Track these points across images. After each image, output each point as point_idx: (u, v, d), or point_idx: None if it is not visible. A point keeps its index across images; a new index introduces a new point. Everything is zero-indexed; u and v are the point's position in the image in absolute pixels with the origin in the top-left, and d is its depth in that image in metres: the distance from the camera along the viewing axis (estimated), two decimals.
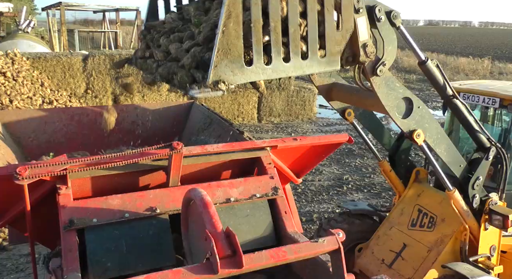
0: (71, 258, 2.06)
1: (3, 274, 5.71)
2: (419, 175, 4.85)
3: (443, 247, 4.21)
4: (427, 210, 4.53)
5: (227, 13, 2.31)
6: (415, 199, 4.72)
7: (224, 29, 2.32)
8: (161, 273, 1.75)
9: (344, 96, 4.09)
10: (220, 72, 2.36)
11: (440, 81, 3.75)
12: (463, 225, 4.12)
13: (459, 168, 3.98)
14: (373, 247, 4.73)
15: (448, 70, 27.15)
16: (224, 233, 1.89)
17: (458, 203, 3.99)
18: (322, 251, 2.05)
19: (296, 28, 2.53)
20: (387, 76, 3.33)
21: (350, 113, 4.44)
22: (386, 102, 3.39)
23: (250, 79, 2.49)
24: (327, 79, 4.10)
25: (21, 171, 1.99)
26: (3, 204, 2.28)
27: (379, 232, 4.80)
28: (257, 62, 2.46)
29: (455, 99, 3.84)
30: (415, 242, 4.47)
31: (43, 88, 10.39)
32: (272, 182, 2.60)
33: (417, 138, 3.59)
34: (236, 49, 2.37)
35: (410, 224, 4.61)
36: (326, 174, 10.10)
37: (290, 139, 2.73)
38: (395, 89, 3.41)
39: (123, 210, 2.26)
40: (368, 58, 3.14)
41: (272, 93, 14.36)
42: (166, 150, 2.31)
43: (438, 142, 3.76)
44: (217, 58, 2.33)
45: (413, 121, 3.56)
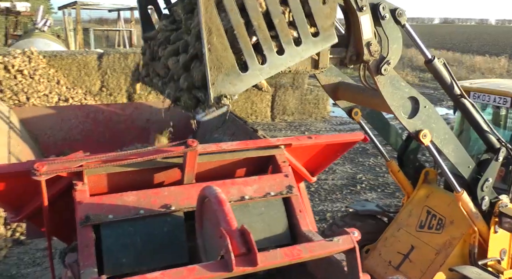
0: (87, 254, 2.08)
1: (20, 267, 5.80)
2: (428, 176, 4.76)
3: (452, 250, 4.14)
4: (435, 212, 4.46)
5: (207, 30, 2.30)
6: (423, 200, 4.64)
7: (210, 46, 2.31)
8: (176, 270, 1.76)
9: (350, 95, 4.03)
10: (219, 88, 2.35)
11: (448, 80, 3.67)
12: (472, 228, 4.04)
13: (467, 169, 3.90)
14: (381, 249, 4.68)
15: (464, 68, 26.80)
16: (239, 231, 1.89)
17: (466, 205, 3.90)
18: (337, 250, 2.03)
19: (280, 18, 2.48)
20: (392, 75, 3.28)
21: (357, 113, 4.39)
22: (391, 101, 3.34)
23: (250, 84, 2.48)
24: (333, 78, 4.05)
25: (39, 167, 2.01)
26: (21, 200, 2.31)
27: (387, 233, 4.75)
28: (252, 65, 2.43)
29: (463, 99, 3.75)
30: (423, 244, 4.40)
31: (59, 85, 10.51)
32: (287, 181, 2.59)
33: (423, 138, 3.52)
34: (227, 61, 2.36)
35: (418, 226, 4.54)
36: (340, 173, 10.05)
37: (305, 138, 2.72)
38: (400, 89, 3.35)
39: (138, 206, 2.27)
40: (372, 57, 3.10)
41: (286, 92, 14.33)
42: (181, 147, 2.32)
43: (446, 142, 3.68)
44: (212, 75, 2.33)
45: (419, 121, 3.49)
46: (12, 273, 5.69)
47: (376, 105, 3.69)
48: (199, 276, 1.77)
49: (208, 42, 2.31)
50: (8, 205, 2.37)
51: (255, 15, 2.41)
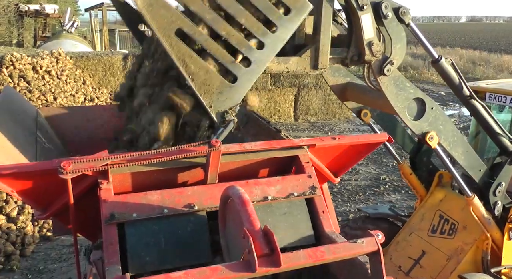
0: (112, 251, 2.10)
1: (47, 262, 5.95)
2: (442, 179, 4.64)
3: (463, 256, 4.03)
4: (448, 216, 4.35)
5: (182, 63, 2.38)
6: (437, 204, 4.53)
7: (191, 76, 2.39)
8: (199, 270, 1.76)
9: (357, 96, 3.97)
10: (218, 107, 2.45)
11: (456, 81, 3.56)
12: (484, 234, 3.91)
13: (478, 173, 3.78)
14: (392, 253, 4.59)
15: (491, 68, 26.16)
16: (262, 232, 1.88)
17: (478, 210, 3.79)
18: (361, 253, 2.00)
19: (245, 15, 2.46)
20: (395, 75, 3.21)
21: (366, 114, 4.32)
22: (395, 102, 3.27)
23: (246, 89, 2.54)
24: (341, 78, 4.00)
25: (65, 166, 2.04)
26: (48, 197, 2.35)
27: (399, 237, 4.66)
28: (239, 72, 2.48)
29: (472, 100, 3.63)
30: (435, 249, 4.30)
31: (85, 86, 10.72)
32: (310, 181, 2.57)
33: (430, 141, 3.43)
34: (214, 80, 2.43)
35: (431, 231, 4.43)
36: (363, 174, 9.95)
37: (329, 138, 2.69)
38: (405, 89, 3.28)
39: (162, 206, 2.29)
40: (374, 57, 3.05)
41: (309, 92, 14.26)
42: (205, 147, 2.32)
43: (455, 145, 3.58)
44: (206, 100, 2.42)
45: (426, 123, 3.41)
46: (40, 268, 5.83)
47: (382, 106, 3.63)
48: (222, 276, 1.77)
49: (187, 73, 2.40)
50: (36, 203, 2.42)
51: (218, 25, 2.44)
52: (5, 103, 3.16)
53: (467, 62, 28.18)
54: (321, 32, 2.96)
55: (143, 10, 2.29)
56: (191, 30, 2.39)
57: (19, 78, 8.68)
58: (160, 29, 2.35)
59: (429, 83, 22.91)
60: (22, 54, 9.41)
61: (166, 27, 2.35)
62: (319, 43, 2.99)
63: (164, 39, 2.36)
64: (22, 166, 2.21)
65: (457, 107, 17.39)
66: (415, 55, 29.15)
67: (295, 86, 14.10)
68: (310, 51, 3.03)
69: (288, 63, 3.00)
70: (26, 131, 3.31)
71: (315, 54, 3.03)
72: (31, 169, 2.16)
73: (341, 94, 4.03)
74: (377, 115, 4.38)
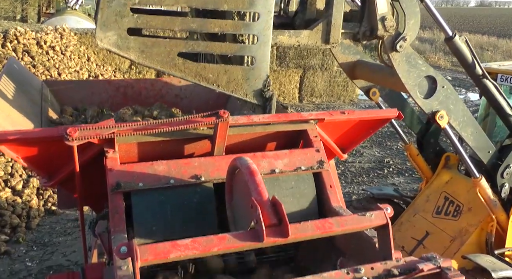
0: (118, 220, 2.09)
1: (52, 236, 6.00)
2: (449, 161, 4.60)
3: (467, 238, 4.02)
4: (453, 198, 4.32)
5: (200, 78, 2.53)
6: (442, 185, 4.50)
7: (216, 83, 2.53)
8: (206, 238, 1.75)
9: (367, 74, 3.92)
10: (252, 90, 2.57)
11: (469, 59, 3.50)
12: (490, 216, 3.88)
13: (487, 154, 3.75)
14: (395, 234, 4.57)
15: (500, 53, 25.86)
16: (270, 202, 1.86)
17: (484, 191, 3.76)
18: (369, 226, 1.99)
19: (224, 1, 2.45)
20: (408, 52, 3.15)
21: (375, 93, 4.27)
22: (406, 80, 3.22)
23: (267, 61, 2.59)
24: (351, 56, 3.95)
25: (71, 133, 2.02)
26: (54, 165, 2.34)
27: (403, 218, 4.65)
28: (251, 51, 2.54)
29: (485, 79, 3.58)
30: (439, 230, 4.29)
31: (89, 62, 10.64)
32: (318, 155, 2.54)
33: (439, 120, 3.39)
34: (235, 73, 2.54)
35: (435, 212, 4.41)
36: (367, 156, 9.92)
37: (338, 113, 2.65)
38: (417, 67, 3.22)
39: (169, 176, 2.27)
40: (387, 32, 3.01)
41: (315, 73, 14.14)
42: (212, 118, 2.29)
43: (464, 125, 3.54)
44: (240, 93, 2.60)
45: (436, 102, 3.37)
46: (45, 240, 5.88)
47: (392, 84, 3.58)
48: (230, 245, 1.76)
49: (211, 83, 2.54)
50: (41, 170, 2.40)
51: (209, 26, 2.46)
52: (10, 73, 3.13)
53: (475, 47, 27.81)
54: (333, 6, 2.91)
55: (140, 60, 2.38)
56: (189, 47, 2.46)
57: (23, 52, 8.61)
58: (164, 64, 2.44)
59: (436, 68, 22.66)
60: (26, 29, 9.32)
61: (167, 59, 2.44)
62: (331, 17, 2.95)
63: (173, 69, 2.46)
64: (28, 132, 2.19)
65: (463, 92, 17.26)
66: (423, 39, 28.81)
67: (300, 67, 13.97)
68: (322, 25, 3.00)
69: (299, 37, 2.97)
70: (31, 102, 3.29)
71: (327, 28, 2.99)
72: (37, 135, 2.14)
73: (351, 72, 3.99)
74: (386, 95, 4.33)
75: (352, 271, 1.73)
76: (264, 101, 2.59)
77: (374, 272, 1.74)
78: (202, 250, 1.72)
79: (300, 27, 3.24)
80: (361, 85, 4.21)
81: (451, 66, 22.72)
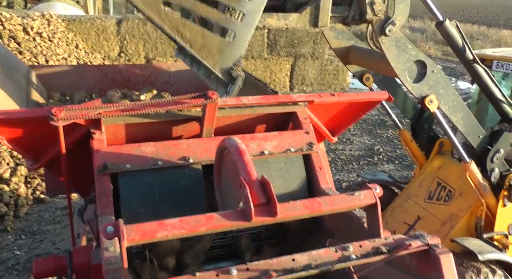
0: (105, 202, 2.06)
1: (41, 224, 5.96)
2: (442, 147, 4.61)
3: (457, 222, 4.06)
4: (446, 183, 4.35)
5: (176, 32, 2.43)
6: (435, 171, 4.53)
7: (188, 42, 2.43)
8: (194, 217, 1.73)
9: (360, 59, 3.93)
10: (222, 65, 2.48)
11: (459, 44, 3.51)
12: (479, 200, 3.92)
13: (477, 139, 3.77)
14: (387, 218, 4.61)
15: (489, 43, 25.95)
16: (258, 181, 1.84)
17: (474, 176, 3.79)
18: (358, 205, 1.98)
19: None
20: (397, 36, 3.16)
21: (368, 78, 4.28)
22: (395, 64, 3.23)
23: (245, 42, 2.54)
24: (344, 41, 3.95)
25: (56, 113, 1.98)
26: (40, 146, 2.30)
27: (395, 203, 4.68)
28: (235, 27, 2.48)
29: (475, 64, 3.58)
30: (430, 215, 4.33)
31: (78, 50, 10.50)
32: (307, 137, 2.53)
33: (429, 104, 3.40)
34: (212, 41, 2.46)
35: (427, 197, 4.45)
36: (357, 144, 9.95)
37: (327, 95, 2.64)
38: (406, 51, 3.23)
39: (156, 158, 2.24)
40: (376, 16, 3.01)
41: (305, 62, 14.11)
42: (201, 99, 2.26)
43: (454, 110, 3.55)
44: (209, 62, 2.46)
45: (426, 86, 3.37)
46: (34, 229, 5.84)
47: (383, 69, 3.58)
48: (218, 224, 1.74)
49: (185, 41, 2.44)
50: (27, 152, 2.36)
51: None
52: None
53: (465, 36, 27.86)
54: None
55: None
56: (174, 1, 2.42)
57: (9, 38, 8.46)
58: (147, 6, 2.38)
59: None
60: (12, 15, 9.15)
61: (152, 2, 2.38)
62: (320, 1, 2.95)
63: (154, 14, 2.39)
64: (13, 112, 2.15)
65: (453, 81, 17.34)
66: (413, 28, 28.82)
67: (291, 55, 13.93)
68: (311, 8, 2.99)
69: (288, 20, 2.96)
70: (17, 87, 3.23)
71: (316, 11, 2.99)
72: (22, 115, 2.10)
73: (344, 57, 3.99)
74: (380, 80, 4.34)
75: (340, 249, 1.73)
76: (230, 79, 2.55)
77: (362, 249, 1.74)
78: (189, 229, 1.71)
79: (291, 10, 3.22)
80: (354, 70, 4.22)
81: (442, 55, 22.79)
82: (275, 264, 1.66)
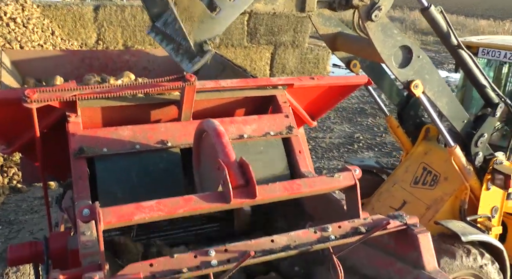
0: (81, 186, 2.02)
1: (18, 214, 5.84)
2: (429, 133, 4.64)
3: (442, 205, 4.11)
4: (431, 168, 4.40)
5: None
6: (421, 157, 4.57)
7: (175, 0, 2.30)
8: (172, 199, 1.71)
9: (347, 45, 3.95)
10: (197, 36, 2.36)
11: (444, 29, 3.54)
12: (464, 184, 3.99)
13: (461, 124, 3.83)
14: (374, 203, 4.66)
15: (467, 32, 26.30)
16: (237, 163, 1.83)
17: (459, 159, 3.85)
18: (338, 187, 1.99)
19: None
20: (383, 22, 3.18)
21: (355, 65, 4.29)
22: (382, 49, 3.26)
23: (228, 22, 2.47)
24: (332, 28, 3.96)
25: (30, 94, 1.92)
26: (14, 130, 2.24)
27: (382, 188, 4.72)
28: (223, 4, 2.42)
29: (460, 50, 3.62)
30: (415, 199, 4.38)
31: (54, 36, 10.24)
32: (287, 121, 2.52)
33: (414, 89, 3.44)
34: (196, 9, 2.35)
35: (413, 182, 4.49)
36: (337, 132, 10.01)
37: (307, 78, 2.63)
38: (392, 36, 3.26)
39: (134, 141, 2.21)
40: (362, 1, 3.03)
41: (286, 50, 14.05)
42: (179, 82, 2.23)
43: (439, 95, 3.60)
44: (186, 27, 2.32)
45: (412, 71, 3.41)
46: (11, 219, 5.72)
47: (370, 54, 3.60)
48: (196, 206, 1.73)
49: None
50: None
51: None
52: None
53: None
54: None
55: None
56: None
57: None
58: None
59: None
60: None
61: None
62: None
63: None
64: None
65: None
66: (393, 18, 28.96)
67: (271, 44, 13.85)
68: None
69: (275, 4, 2.97)
70: None
71: None
72: None
73: (331, 43, 4.00)
74: (367, 67, 4.35)
75: (319, 230, 1.74)
76: (199, 51, 2.45)
77: (341, 230, 1.75)
78: (167, 212, 1.69)
79: None
80: (341, 56, 4.23)
81: (421, 45, 23.01)
82: (253, 245, 1.65)
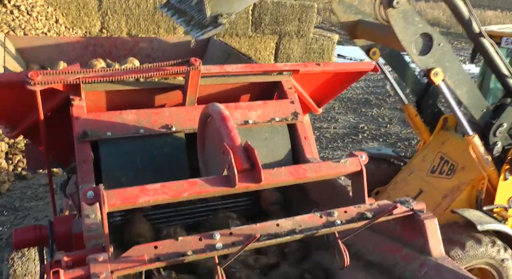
0: (85, 170, 2.01)
1: (23, 201, 5.87)
2: (447, 122, 4.60)
3: (458, 195, 4.08)
4: (449, 158, 4.37)
5: None
6: (439, 146, 4.53)
7: None
8: (176, 183, 1.70)
9: (368, 33, 3.90)
10: (216, 7, 2.29)
11: (466, 16, 3.49)
12: (481, 174, 3.96)
13: (480, 113, 3.78)
14: (390, 192, 4.65)
15: None
16: (242, 147, 1.81)
17: (477, 148, 3.81)
18: (344, 172, 1.96)
19: None
20: (405, 8, 3.13)
21: (375, 53, 4.23)
22: (403, 36, 3.21)
23: (248, 3, 2.43)
24: (352, 15, 3.92)
25: (33, 76, 1.91)
26: (18, 113, 2.23)
27: (398, 177, 4.71)
28: None
29: (482, 38, 3.57)
30: (432, 188, 4.35)
31: (58, 25, 10.22)
32: (292, 107, 2.50)
33: (434, 77, 3.39)
34: None
35: (430, 171, 4.46)
36: (342, 122, 9.97)
37: (313, 64, 2.60)
38: (413, 24, 3.21)
39: (138, 125, 2.19)
40: None
41: (290, 40, 13.97)
42: (184, 66, 2.20)
43: (459, 83, 3.55)
44: None
45: (432, 59, 3.36)
46: (16, 205, 5.75)
47: (390, 41, 3.55)
48: (201, 189, 1.71)
49: None
50: (3, 119, 2.29)
51: None
52: None
53: (450, 17, 27.96)
54: None
55: None
56: None
57: None
58: None
59: None
60: None
61: None
62: None
63: None
64: None
65: None
66: None
67: (276, 33, 13.77)
68: None
69: None
70: None
71: None
72: None
73: (351, 31, 3.97)
74: (386, 54, 4.32)
75: (325, 215, 1.72)
76: (212, 22, 2.40)
77: (347, 215, 1.73)
78: (172, 195, 1.67)
79: None
80: (361, 44, 4.18)
81: None
82: (259, 229, 1.64)
